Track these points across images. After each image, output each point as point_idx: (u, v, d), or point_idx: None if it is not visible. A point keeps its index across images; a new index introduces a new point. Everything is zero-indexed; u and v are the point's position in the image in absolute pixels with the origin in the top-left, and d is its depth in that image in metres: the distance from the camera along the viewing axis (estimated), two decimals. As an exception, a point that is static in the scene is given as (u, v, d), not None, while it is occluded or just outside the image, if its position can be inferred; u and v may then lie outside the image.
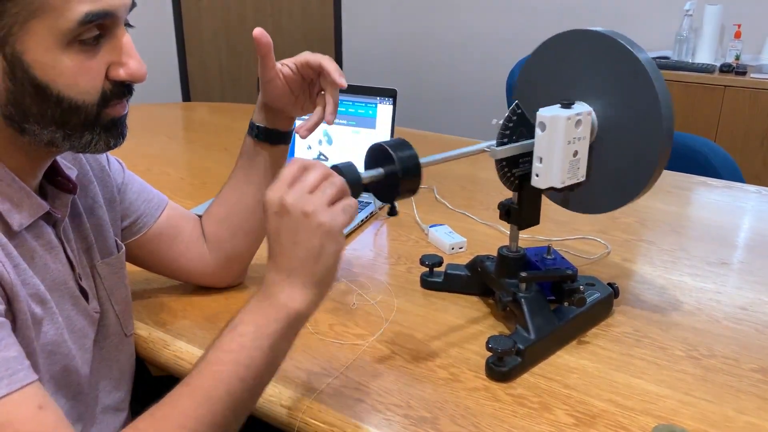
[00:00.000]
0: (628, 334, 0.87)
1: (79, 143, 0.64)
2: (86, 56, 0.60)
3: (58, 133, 0.62)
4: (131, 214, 0.86)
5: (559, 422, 0.71)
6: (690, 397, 0.74)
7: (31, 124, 0.61)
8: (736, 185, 1.45)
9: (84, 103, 0.61)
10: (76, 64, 0.59)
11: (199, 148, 1.70)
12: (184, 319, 0.91)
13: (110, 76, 0.63)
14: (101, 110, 0.63)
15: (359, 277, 1.01)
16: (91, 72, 0.61)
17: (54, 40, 0.58)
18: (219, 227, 0.92)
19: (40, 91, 0.59)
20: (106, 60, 0.62)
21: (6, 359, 0.55)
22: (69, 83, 0.60)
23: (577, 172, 0.80)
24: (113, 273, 0.79)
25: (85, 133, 0.63)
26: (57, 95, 0.60)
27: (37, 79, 0.59)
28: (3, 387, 0.54)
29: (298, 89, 0.84)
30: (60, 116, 0.61)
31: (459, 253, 1.09)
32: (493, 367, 0.77)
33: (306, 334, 0.87)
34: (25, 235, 0.64)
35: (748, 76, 2.55)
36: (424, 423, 0.71)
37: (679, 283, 1.00)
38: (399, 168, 0.69)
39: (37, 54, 0.58)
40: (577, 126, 0.78)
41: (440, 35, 3.59)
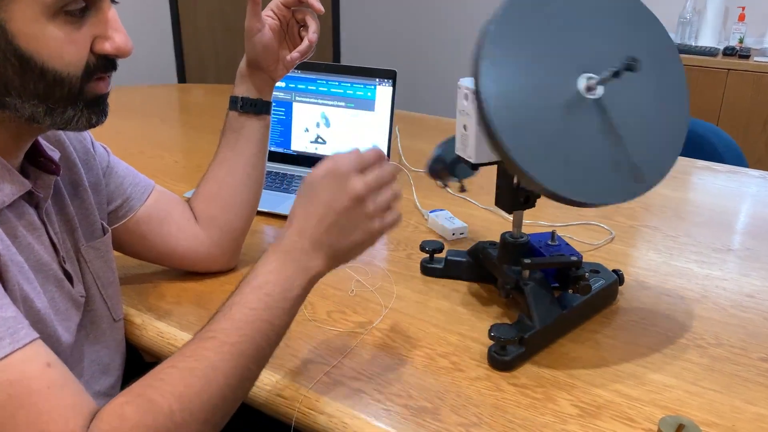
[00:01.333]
0: (633, 322, 0.85)
1: (61, 119, 0.62)
2: (72, 28, 0.59)
3: (40, 107, 0.60)
4: (117, 198, 0.84)
5: (564, 413, 0.69)
6: (697, 387, 0.73)
7: (13, 97, 0.59)
8: (740, 170, 1.43)
9: (68, 75, 0.60)
10: (62, 35, 0.58)
11: (194, 131, 1.67)
12: (176, 304, 0.88)
13: (95, 49, 0.61)
14: (84, 84, 0.61)
15: (357, 263, 0.99)
16: (76, 44, 0.59)
17: (40, 10, 0.56)
18: (210, 204, 0.91)
19: (23, 62, 0.57)
20: (91, 33, 0.61)
21: (5, 318, 0.54)
22: (53, 54, 0.58)
23: (466, 149, 0.78)
24: (99, 257, 0.77)
25: (67, 108, 0.62)
26: (41, 67, 0.58)
27: (21, 49, 0.57)
28: (6, 345, 0.53)
29: (280, 37, 0.90)
30: (43, 89, 0.59)
31: (460, 238, 1.07)
32: (496, 356, 0.75)
33: (303, 321, 0.85)
34: (7, 213, 0.63)
35: (751, 59, 2.52)
36: (425, 413, 0.69)
37: (685, 270, 0.98)
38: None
39: (22, 24, 0.56)
40: (465, 99, 0.76)
41: (440, 16, 3.54)
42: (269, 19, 0.89)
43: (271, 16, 0.90)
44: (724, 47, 2.61)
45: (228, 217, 0.91)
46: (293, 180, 1.26)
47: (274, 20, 0.90)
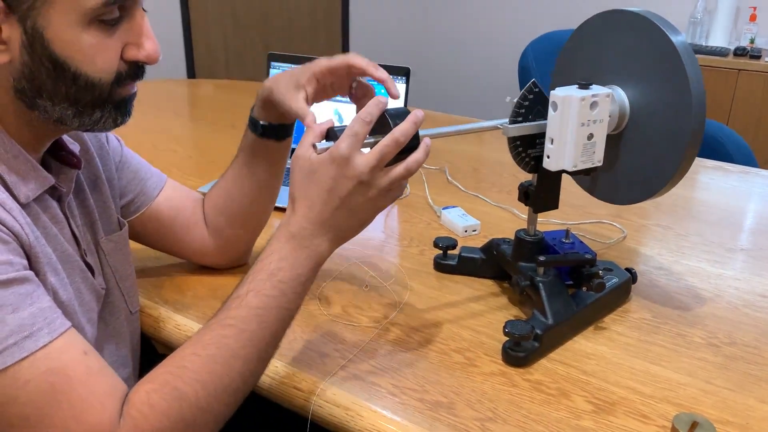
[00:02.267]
0: (647, 320, 0.85)
1: (89, 120, 0.63)
2: (105, 35, 0.60)
3: (70, 110, 0.62)
4: (128, 193, 0.85)
5: (578, 409, 0.69)
6: (711, 386, 0.73)
7: (44, 99, 0.61)
8: (752, 170, 1.43)
9: (100, 81, 0.61)
10: (95, 42, 0.59)
11: (206, 125, 1.68)
12: (194, 297, 0.89)
13: (126, 56, 0.63)
14: (114, 89, 0.63)
15: (371, 259, 1.00)
16: (108, 51, 0.61)
17: (76, 18, 0.58)
18: (218, 215, 0.90)
19: (57, 66, 0.59)
20: (123, 40, 0.62)
21: (42, 309, 0.56)
22: (87, 61, 0.60)
23: (593, 156, 0.78)
24: (117, 250, 0.78)
25: (95, 110, 0.63)
26: (74, 72, 0.60)
27: (56, 54, 0.58)
28: (45, 335, 0.55)
29: (318, 96, 0.78)
30: (74, 93, 0.61)
31: (472, 235, 1.08)
32: (510, 352, 0.76)
33: (319, 315, 0.85)
34: (34, 206, 0.64)
35: (762, 59, 2.51)
36: (440, 407, 0.69)
37: (697, 269, 0.98)
38: None
39: (58, 30, 0.57)
40: (592, 108, 0.75)
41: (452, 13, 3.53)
42: (309, 90, 0.76)
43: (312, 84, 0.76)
44: (735, 47, 2.61)
45: (234, 231, 0.91)
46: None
47: (314, 88, 0.76)
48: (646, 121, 0.79)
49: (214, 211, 0.90)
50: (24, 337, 0.54)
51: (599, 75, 0.82)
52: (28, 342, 0.54)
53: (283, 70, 1.31)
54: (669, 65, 0.75)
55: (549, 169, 0.78)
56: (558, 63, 0.89)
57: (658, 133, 0.78)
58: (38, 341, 0.54)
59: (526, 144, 0.80)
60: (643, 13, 0.77)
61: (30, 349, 0.54)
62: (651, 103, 0.78)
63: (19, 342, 0.53)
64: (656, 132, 0.78)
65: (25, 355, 0.53)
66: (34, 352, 0.54)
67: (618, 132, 0.82)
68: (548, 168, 0.78)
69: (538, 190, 0.82)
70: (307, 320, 0.85)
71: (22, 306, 0.54)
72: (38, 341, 0.54)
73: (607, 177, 0.85)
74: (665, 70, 0.75)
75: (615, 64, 0.81)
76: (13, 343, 0.53)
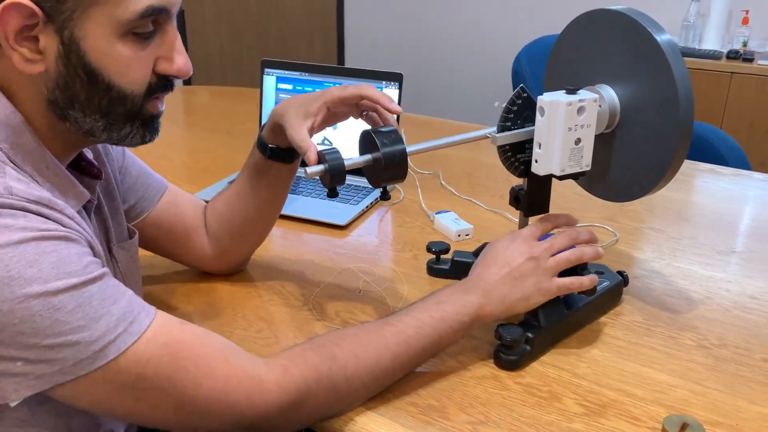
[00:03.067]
0: (638, 323, 0.86)
1: (118, 134, 0.65)
2: (138, 48, 0.62)
3: (101, 122, 0.63)
4: (130, 198, 0.85)
5: (569, 411, 0.70)
6: (701, 387, 0.74)
7: (76, 110, 0.62)
8: (744, 173, 1.44)
9: (132, 93, 0.63)
10: (130, 54, 0.61)
11: (201, 132, 1.69)
12: (187, 303, 0.90)
13: (158, 69, 0.64)
14: (145, 102, 0.65)
15: (364, 264, 1.00)
16: (140, 63, 0.62)
17: (112, 29, 0.59)
18: (219, 225, 0.91)
19: (92, 77, 0.60)
20: (155, 53, 0.64)
21: (132, 296, 0.60)
22: (120, 72, 0.61)
23: (581, 161, 0.79)
24: (128, 257, 0.79)
25: (126, 124, 0.65)
26: (108, 83, 0.61)
27: (91, 65, 0.60)
28: (144, 318, 0.59)
29: (331, 123, 0.81)
30: (107, 104, 0.62)
31: (465, 240, 1.08)
32: (502, 356, 0.76)
33: (311, 320, 0.86)
34: None
35: (755, 62, 2.53)
36: (432, 411, 0.70)
37: (688, 272, 0.99)
38: (382, 156, 0.71)
39: (94, 40, 0.59)
40: (579, 113, 0.76)
41: (445, 18, 3.55)
42: (318, 119, 0.77)
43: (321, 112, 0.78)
44: (727, 50, 2.62)
45: (234, 244, 0.92)
46: (299, 182, 1.28)
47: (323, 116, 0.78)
48: (636, 118, 0.80)
49: (216, 221, 0.91)
50: (130, 323, 0.58)
51: (589, 75, 0.83)
52: (134, 326, 0.58)
53: (276, 76, 1.33)
54: (654, 62, 0.76)
55: (537, 173, 0.79)
56: (548, 66, 0.90)
57: (649, 130, 0.79)
58: (142, 324, 0.58)
59: (515, 149, 0.81)
60: (627, 12, 0.78)
61: (137, 333, 0.58)
62: (640, 100, 0.79)
63: (128, 328, 0.57)
64: (647, 129, 0.79)
65: (135, 339, 0.57)
66: (142, 333, 0.58)
67: (611, 130, 0.82)
68: (536, 172, 0.79)
69: (528, 195, 0.83)
70: (300, 325, 0.85)
71: (118, 296, 0.58)
72: (142, 324, 0.58)
73: (604, 175, 0.86)
74: (651, 68, 0.76)
75: (603, 64, 0.82)
76: (123, 330, 0.57)
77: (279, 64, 1.32)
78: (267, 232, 0.94)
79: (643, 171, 0.81)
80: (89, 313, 0.55)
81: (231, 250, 0.92)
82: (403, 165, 0.72)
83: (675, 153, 0.77)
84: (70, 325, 0.54)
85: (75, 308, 0.55)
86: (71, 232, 0.58)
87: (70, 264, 0.55)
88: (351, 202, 1.20)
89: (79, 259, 0.57)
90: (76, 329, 0.54)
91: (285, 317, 0.87)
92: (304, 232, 1.11)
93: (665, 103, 0.76)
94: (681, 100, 0.74)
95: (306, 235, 1.10)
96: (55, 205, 0.58)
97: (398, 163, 0.72)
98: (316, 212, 1.15)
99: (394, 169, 0.72)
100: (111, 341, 0.56)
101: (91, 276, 0.57)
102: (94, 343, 0.55)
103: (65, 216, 0.59)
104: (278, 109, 0.80)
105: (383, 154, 0.71)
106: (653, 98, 0.77)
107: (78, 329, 0.54)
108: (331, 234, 1.10)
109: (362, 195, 1.22)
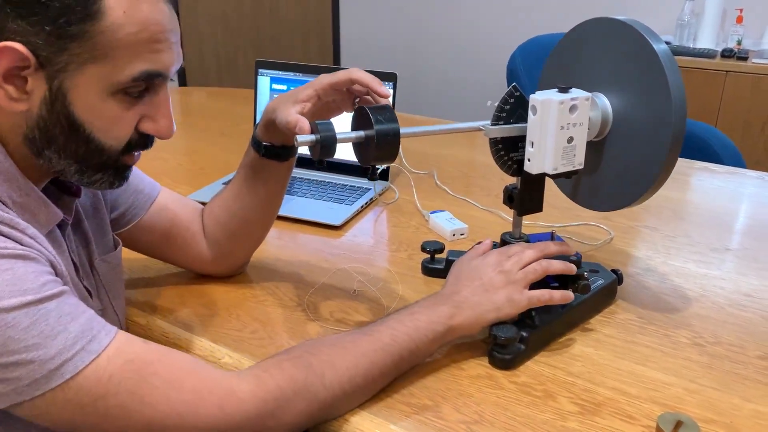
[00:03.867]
0: (633, 321, 0.86)
1: (88, 179, 0.65)
2: (126, 106, 0.62)
3: (74, 166, 0.64)
4: (119, 206, 0.84)
5: (563, 410, 0.70)
6: (695, 385, 0.74)
7: (51, 151, 0.62)
8: (739, 171, 1.44)
9: (110, 148, 0.63)
10: (117, 112, 0.61)
11: (197, 134, 1.68)
12: (181, 305, 0.89)
13: (140, 127, 0.65)
14: (120, 156, 0.65)
15: (359, 264, 1.00)
16: (125, 122, 0.63)
17: (104, 87, 0.59)
18: (217, 228, 0.90)
19: (73, 127, 0.61)
20: (141, 111, 0.64)
21: (92, 315, 0.59)
22: (104, 128, 0.62)
23: (573, 159, 0.78)
24: (111, 270, 0.78)
25: (98, 172, 0.65)
26: (88, 135, 0.61)
27: (75, 116, 0.60)
28: (104, 336, 0.58)
29: (320, 114, 0.79)
30: (83, 153, 0.63)
31: (460, 239, 1.08)
32: (497, 355, 0.76)
33: (306, 321, 0.86)
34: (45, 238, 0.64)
35: (749, 61, 2.53)
36: (427, 411, 0.70)
37: (683, 270, 0.99)
38: (375, 133, 0.70)
39: (83, 94, 0.59)
40: (571, 111, 0.76)
41: (440, 18, 3.55)
42: (308, 105, 0.76)
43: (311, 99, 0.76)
44: (722, 49, 2.63)
45: (232, 246, 0.91)
46: (294, 182, 1.28)
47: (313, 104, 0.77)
48: (627, 129, 0.79)
49: (213, 224, 0.90)
50: (89, 341, 0.56)
51: (585, 82, 0.83)
52: (93, 344, 0.56)
53: (271, 77, 1.32)
54: (651, 74, 0.75)
55: (530, 172, 0.79)
56: (544, 71, 0.90)
57: (638, 142, 0.78)
58: (101, 342, 0.57)
59: (508, 147, 0.80)
60: (628, 22, 0.77)
61: (96, 351, 0.56)
62: (633, 111, 0.78)
63: (86, 346, 0.56)
64: (636, 140, 0.78)
65: (94, 357, 0.56)
66: (102, 351, 0.57)
67: (601, 139, 0.82)
68: (529, 171, 0.79)
69: (521, 193, 0.83)
70: (295, 326, 0.85)
71: (77, 313, 0.57)
72: (101, 342, 0.57)
73: (589, 184, 0.86)
74: (647, 79, 0.76)
75: (600, 72, 0.82)
76: (81, 348, 0.56)
77: (273, 64, 1.32)
78: (265, 233, 0.93)
79: (628, 183, 0.80)
80: (44, 330, 0.54)
81: (229, 252, 0.92)
82: (396, 144, 0.71)
83: (662, 168, 0.76)
84: (25, 342, 0.53)
85: (29, 325, 0.53)
86: (30, 251, 0.57)
87: (25, 282, 0.54)
88: (346, 202, 1.19)
89: (36, 278, 0.55)
90: (30, 347, 0.53)
91: (280, 318, 0.87)
92: (299, 233, 1.11)
93: (657, 117, 0.75)
94: (674, 115, 0.73)
95: (301, 236, 1.10)
96: (16, 225, 0.58)
97: (391, 141, 0.70)
98: (311, 213, 1.15)
99: (385, 148, 0.70)
100: (68, 359, 0.55)
101: (48, 293, 0.55)
102: (49, 362, 0.54)
103: (26, 236, 0.58)
104: (270, 105, 0.79)
105: (376, 132, 0.69)
106: (646, 110, 0.77)
107: (32, 347, 0.53)
108: (326, 234, 1.10)
109: (357, 195, 1.22)
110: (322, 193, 1.23)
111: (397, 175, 1.35)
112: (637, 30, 0.76)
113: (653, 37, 0.75)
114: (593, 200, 0.86)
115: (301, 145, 0.70)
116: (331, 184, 1.27)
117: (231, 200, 0.89)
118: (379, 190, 1.25)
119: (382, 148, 0.70)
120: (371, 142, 0.70)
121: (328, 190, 1.24)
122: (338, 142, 0.70)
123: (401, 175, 1.35)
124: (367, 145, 0.72)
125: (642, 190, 0.79)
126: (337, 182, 1.28)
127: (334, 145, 0.70)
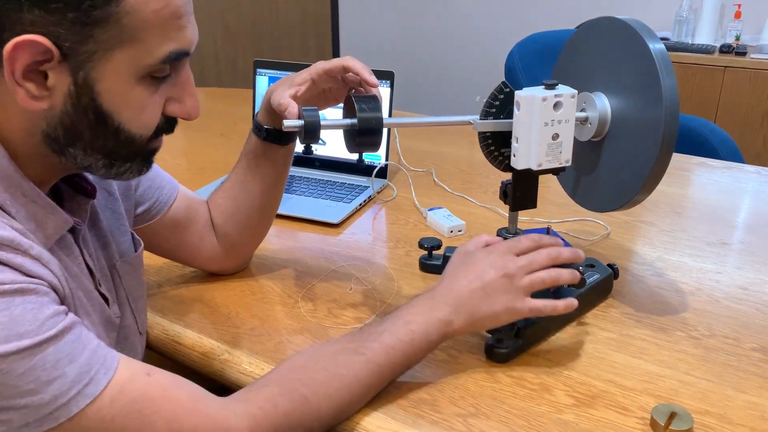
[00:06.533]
0: (628, 314, 0.86)
1: (117, 171, 0.62)
2: (152, 90, 0.59)
3: (101, 161, 0.60)
4: (145, 201, 0.84)
5: (559, 403, 0.70)
6: (690, 377, 0.74)
7: (77, 149, 0.59)
8: (736, 166, 1.45)
9: (141, 137, 0.60)
10: (144, 99, 0.58)
11: (196, 134, 1.69)
12: (180, 303, 0.90)
13: (167, 111, 0.62)
14: (149, 143, 0.62)
15: (357, 261, 1.01)
16: (154, 106, 0.60)
17: (132, 73, 0.56)
18: (227, 222, 0.91)
19: (101, 119, 0.57)
20: (166, 94, 0.61)
21: (93, 350, 0.56)
22: (132, 117, 0.59)
23: (559, 156, 0.79)
24: (132, 271, 0.76)
25: (126, 162, 0.62)
26: (117, 127, 0.58)
27: (103, 108, 0.57)
28: (102, 377, 0.55)
29: (315, 101, 0.81)
30: (112, 146, 0.60)
31: (458, 236, 1.09)
32: (493, 349, 0.77)
33: (303, 318, 0.86)
34: (54, 248, 0.62)
35: (748, 56, 2.53)
36: (423, 404, 0.70)
37: (679, 264, 1.00)
38: (357, 121, 0.72)
39: (110, 83, 0.56)
40: (556, 108, 0.76)
41: (439, 19, 3.56)
42: (302, 88, 0.78)
43: (306, 83, 0.79)
44: (720, 45, 2.63)
45: (242, 237, 0.92)
46: (292, 180, 1.28)
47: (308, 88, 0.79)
48: (624, 129, 0.80)
49: (222, 217, 0.91)
50: (85, 385, 0.54)
51: (589, 83, 0.83)
52: (89, 387, 0.54)
53: (269, 76, 1.33)
54: (645, 75, 0.75)
55: (515, 167, 0.80)
56: (554, 70, 0.90)
57: (632, 143, 0.79)
58: (99, 384, 0.55)
59: (498, 143, 0.81)
60: (626, 20, 0.78)
61: (92, 395, 0.54)
62: (628, 111, 0.79)
63: (82, 390, 0.54)
64: (631, 142, 0.79)
65: (89, 402, 0.54)
66: (98, 394, 0.54)
67: (599, 139, 0.83)
68: (515, 166, 0.80)
69: (514, 189, 0.83)
70: (292, 322, 0.86)
71: (76, 353, 0.54)
72: (99, 384, 0.55)
73: (588, 183, 0.86)
74: (642, 80, 0.76)
75: (602, 72, 0.82)
76: (77, 393, 0.53)
77: (271, 64, 1.33)
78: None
79: (622, 184, 0.81)
80: (41, 376, 0.52)
81: (239, 243, 0.92)
82: (378, 133, 0.73)
83: (653, 169, 0.76)
84: (19, 389, 0.51)
85: (25, 372, 0.51)
86: (30, 281, 0.53)
87: (23, 324, 0.51)
88: (344, 200, 1.20)
89: (34, 316, 0.52)
90: (24, 393, 0.51)
91: (278, 315, 0.87)
92: (297, 231, 1.12)
93: (650, 118, 0.75)
94: (665, 116, 0.73)
95: (299, 234, 1.11)
96: (18, 246, 0.53)
97: (373, 129, 0.72)
98: (309, 211, 1.16)
99: (368, 136, 0.73)
100: (63, 404, 0.53)
101: (46, 336, 0.52)
102: (43, 408, 0.52)
103: (28, 257, 0.54)
104: (270, 89, 0.81)
105: (359, 119, 0.72)
106: (640, 111, 0.77)
107: (27, 393, 0.51)
108: (324, 232, 1.11)
109: (355, 193, 1.23)
110: (321, 191, 1.24)
111: (395, 173, 1.35)
112: (633, 28, 0.76)
113: (650, 36, 0.75)
114: (590, 200, 0.87)
115: (287, 129, 0.73)
116: (330, 182, 1.28)
117: (237, 189, 0.90)
118: (378, 188, 1.26)
119: (364, 135, 0.72)
120: (355, 130, 0.73)
121: (327, 188, 1.25)
122: (323, 128, 0.72)
123: (399, 173, 1.35)
124: (351, 133, 0.74)
125: (632, 194, 0.79)
126: (335, 180, 1.28)
127: (318, 130, 0.72)
